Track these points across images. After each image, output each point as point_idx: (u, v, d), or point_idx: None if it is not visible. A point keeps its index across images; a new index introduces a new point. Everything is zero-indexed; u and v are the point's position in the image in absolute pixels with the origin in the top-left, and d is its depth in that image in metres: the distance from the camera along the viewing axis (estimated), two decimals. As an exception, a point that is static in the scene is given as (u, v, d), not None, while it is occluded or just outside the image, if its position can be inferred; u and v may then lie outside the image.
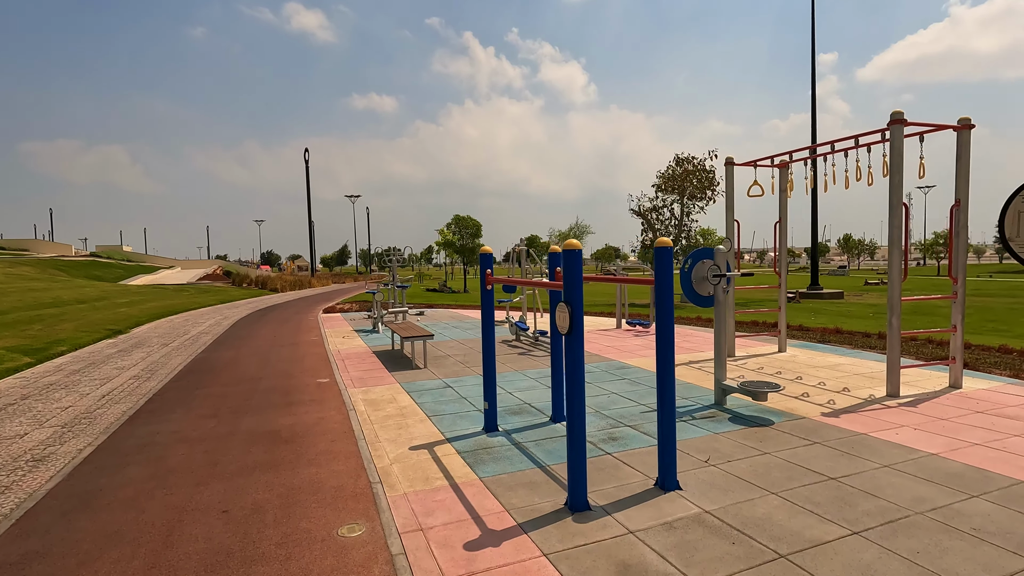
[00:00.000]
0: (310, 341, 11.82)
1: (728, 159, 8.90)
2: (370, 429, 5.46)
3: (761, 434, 5.03)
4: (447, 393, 6.87)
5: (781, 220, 9.15)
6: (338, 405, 6.42)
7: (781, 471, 4.15)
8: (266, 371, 8.60)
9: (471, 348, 10.34)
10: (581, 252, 3.57)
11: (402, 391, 7.03)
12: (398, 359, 9.35)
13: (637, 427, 5.34)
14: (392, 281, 15.96)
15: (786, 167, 9.01)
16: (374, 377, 7.91)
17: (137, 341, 12.35)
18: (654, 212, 26.92)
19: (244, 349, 10.92)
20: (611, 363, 8.58)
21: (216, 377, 8.24)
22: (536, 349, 9.99)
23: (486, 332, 5.28)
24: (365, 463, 4.54)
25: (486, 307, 5.28)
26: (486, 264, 5.25)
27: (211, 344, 11.78)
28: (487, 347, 5.31)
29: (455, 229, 35.75)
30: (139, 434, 5.50)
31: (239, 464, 4.58)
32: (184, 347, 11.39)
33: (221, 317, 17.76)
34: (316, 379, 7.91)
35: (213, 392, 7.26)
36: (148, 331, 14.19)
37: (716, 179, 25.66)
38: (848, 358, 8.52)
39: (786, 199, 9.08)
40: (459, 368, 8.45)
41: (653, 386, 6.99)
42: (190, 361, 9.72)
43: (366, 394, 6.92)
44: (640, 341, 10.70)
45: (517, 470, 4.32)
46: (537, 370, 8.16)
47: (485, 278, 5.22)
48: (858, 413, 5.61)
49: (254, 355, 10.16)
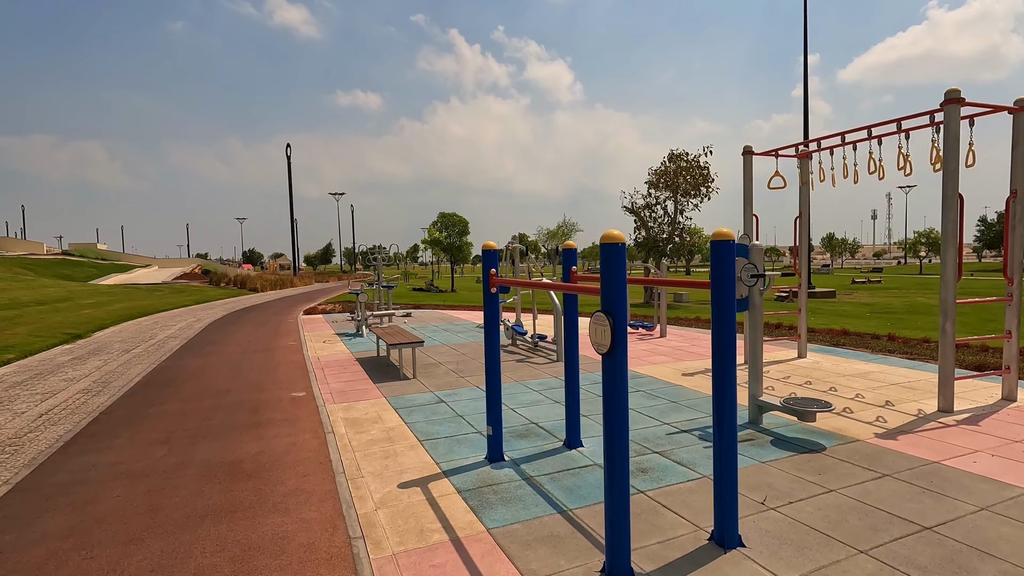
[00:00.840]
0: (287, 347, 10.87)
1: (747, 148, 8.15)
2: (351, 459, 4.59)
3: (815, 463, 4.26)
4: (440, 410, 6.02)
5: (802, 215, 8.44)
6: (314, 426, 5.54)
7: (859, 517, 3.38)
8: (235, 382, 7.66)
9: (464, 355, 9.49)
10: (624, 247, 2.75)
11: (388, 407, 6.16)
12: (384, 368, 8.47)
13: (667, 454, 4.54)
14: (377, 281, 15.04)
15: (807, 157, 8.29)
16: (357, 390, 7.02)
17: (96, 347, 11.30)
18: (647, 209, 26.27)
19: (214, 356, 9.94)
20: (620, 372, 7.79)
21: (177, 390, 7.29)
22: (535, 355, 9.17)
23: (490, 344, 4.45)
24: (344, 507, 3.68)
25: (489, 314, 4.44)
26: (490, 262, 4.41)
27: (178, 350, 10.78)
28: (491, 362, 4.47)
29: (441, 227, 34.78)
30: (71, 467, 4.57)
31: (187, 510, 3.69)
32: (147, 354, 10.38)
33: (194, 319, 16.67)
34: (291, 392, 7.00)
35: (170, 410, 6.32)
36: (111, 335, 13.11)
37: (711, 175, 25.10)
38: (875, 364, 7.82)
39: (808, 192, 8.37)
40: (452, 378, 7.60)
41: (672, 400, 6.21)
42: (151, 371, 8.73)
43: (347, 411, 6.04)
44: (646, 346, 9.93)
45: (533, 516, 3.49)
46: (539, 381, 7.33)
47: (488, 279, 4.38)
48: (916, 434, 4.87)
49: (224, 363, 9.20)
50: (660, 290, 11.35)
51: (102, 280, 35.75)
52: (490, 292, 4.39)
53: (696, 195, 25.52)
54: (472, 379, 7.52)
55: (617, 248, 2.73)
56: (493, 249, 4.42)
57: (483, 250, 4.43)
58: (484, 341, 4.49)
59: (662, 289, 10.98)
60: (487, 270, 4.40)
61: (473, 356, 9.27)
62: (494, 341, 4.44)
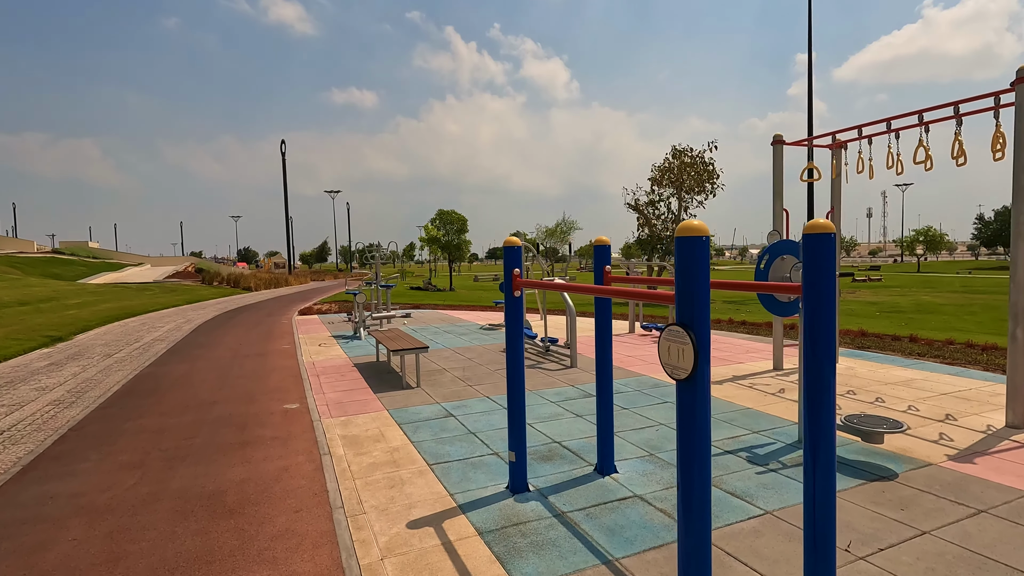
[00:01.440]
0: (280, 350, 10.22)
1: (777, 137, 7.55)
2: (351, 488, 3.97)
3: (892, 494, 3.67)
4: (450, 425, 5.40)
5: (834, 209, 7.84)
6: (308, 446, 4.91)
7: (972, 571, 2.78)
8: (222, 392, 7.02)
9: (471, 360, 8.87)
10: (708, 242, 2.14)
11: (392, 422, 5.54)
12: (384, 374, 7.84)
13: (716, 482, 3.94)
14: (375, 280, 14.40)
15: (841, 147, 7.69)
16: (356, 401, 6.40)
17: (77, 351, 10.62)
18: (650, 207, 25.70)
19: (201, 361, 9.29)
20: (641, 379, 7.19)
21: (158, 402, 6.65)
22: (546, 361, 8.56)
23: (513, 357, 3.83)
24: (344, 556, 3.06)
25: (513, 321, 3.83)
26: (513, 261, 3.79)
27: (164, 355, 10.11)
28: (514, 377, 3.85)
29: (439, 224, 34.09)
30: (24, 500, 3.93)
31: (153, 560, 3.07)
32: (131, 358, 9.71)
33: (183, 320, 15.99)
34: (283, 404, 6.37)
35: (148, 425, 5.68)
36: (94, 337, 12.42)
37: (716, 172, 24.56)
38: (915, 371, 7.24)
39: (840, 185, 7.77)
40: (459, 387, 6.97)
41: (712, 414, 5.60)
42: (132, 378, 8.08)
43: (346, 427, 5.41)
44: (663, 349, 9.32)
45: (573, 570, 2.88)
46: (556, 391, 6.72)
47: (512, 280, 3.77)
48: (994, 456, 4.29)
49: (212, 369, 8.56)
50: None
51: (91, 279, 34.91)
52: (514, 295, 3.78)
53: (700, 192, 24.99)
54: (481, 388, 6.91)
55: (699, 243, 2.11)
56: (517, 246, 3.80)
57: (505, 247, 3.82)
58: (507, 353, 3.88)
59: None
60: (510, 270, 3.78)
61: (480, 361, 8.66)
62: (517, 353, 3.82)
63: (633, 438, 4.91)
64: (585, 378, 7.30)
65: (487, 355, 9.19)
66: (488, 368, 8.10)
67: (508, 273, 3.78)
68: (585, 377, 7.35)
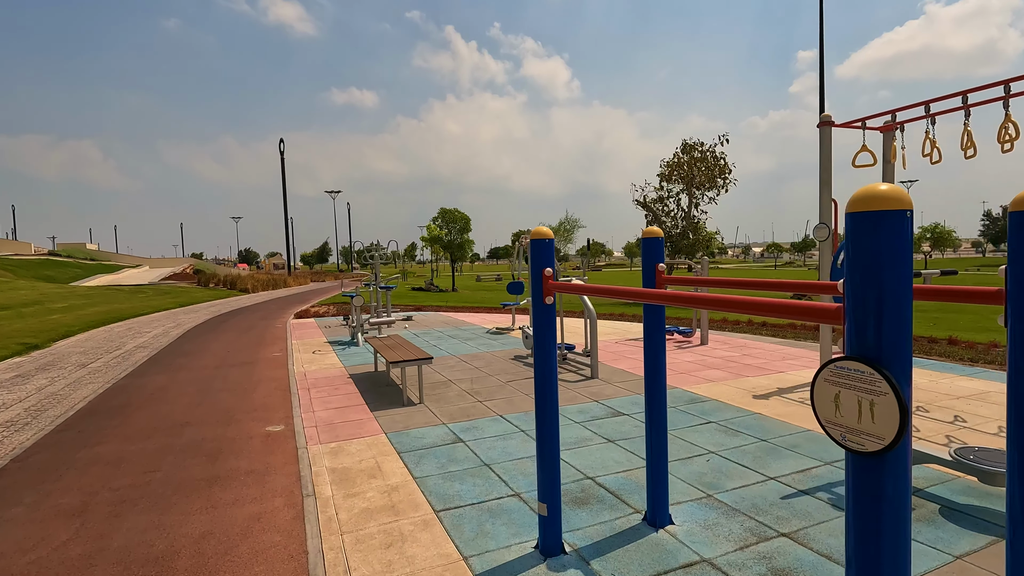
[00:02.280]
0: (270, 359, 9.39)
1: (825, 118, 6.68)
2: (337, 548, 3.12)
3: (1039, 559, 2.81)
4: (459, 454, 4.55)
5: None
6: (290, 483, 4.07)
7: None
8: (199, 410, 6.19)
9: (478, 369, 8.02)
10: (910, 221, 1.28)
11: (390, 450, 4.69)
12: (383, 388, 7.00)
13: (799, 536, 3.09)
14: (374, 281, 13.56)
15: (894, 130, 6.83)
16: (349, 422, 5.55)
17: (51, 360, 9.80)
18: (660, 203, 24.85)
19: (183, 372, 8.46)
20: (673, 393, 6.34)
21: (124, 422, 5.81)
22: (564, 370, 7.71)
23: (544, 383, 2.99)
24: (321, 664, 2.21)
25: (543, 337, 2.98)
26: (543, 258, 2.94)
27: (144, 364, 9.29)
28: (545, 406, 3.01)
29: (442, 223, 33.24)
30: (-78, 565, 3.10)
31: (60, 672, 2.23)
32: (107, 369, 8.89)
33: (173, 324, 15.16)
34: (265, 426, 5.53)
35: (105, 454, 4.84)
36: (74, 345, 11.60)
37: (728, 166, 23.72)
38: (982, 381, 6.39)
39: (892, 171, 6.92)
40: (468, 404, 6.13)
41: (760, 436, 4.75)
42: (102, 392, 7.25)
43: (336, 457, 4.57)
44: (690, 356, 8.48)
45: None
46: (579, 407, 5.87)
47: (541, 282, 2.92)
48: None
49: (192, 382, 7.72)
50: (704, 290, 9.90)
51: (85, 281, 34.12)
52: (544, 302, 2.93)
53: (712, 188, 24.15)
54: (493, 405, 6.06)
55: (896, 221, 1.25)
56: (548, 238, 2.95)
57: (533, 240, 2.97)
58: (536, 379, 3.04)
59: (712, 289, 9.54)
60: (539, 268, 2.93)
61: (489, 371, 7.81)
62: (549, 378, 2.98)
63: (682, 472, 4.06)
64: (610, 391, 6.45)
65: (496, 364, 8.34)
66: (499, 380, 7.25)
67: (536, 273, 2.94)
68: (609, 390, 6.50)
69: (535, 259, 2.94)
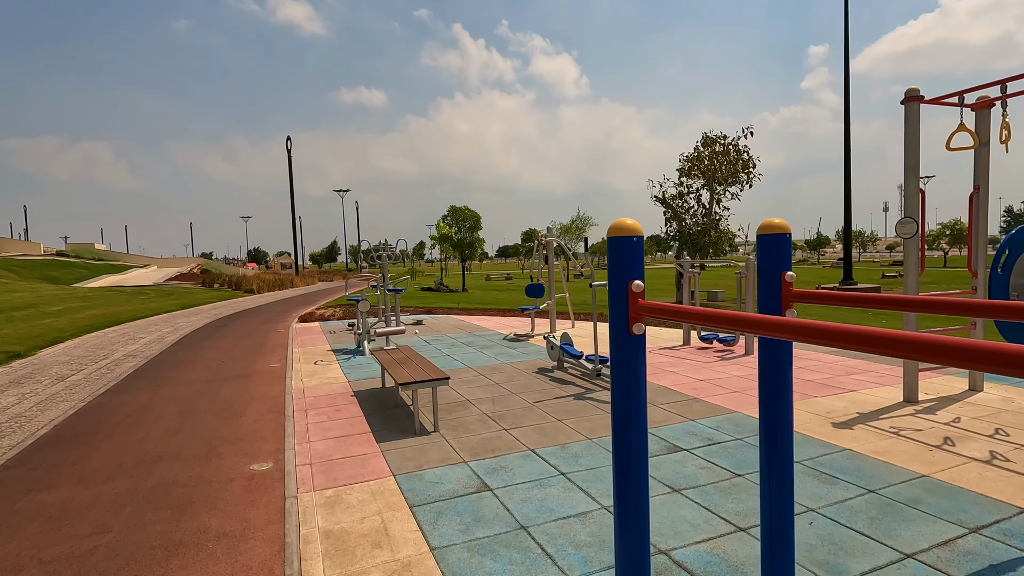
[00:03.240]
0: (267, 371, 8.49)
1: (911, 92, 5.64)
2: None
3: None
4: (486, 509, 3.60)
5: (980, 189, 5.96)
6: (269, 557, 3.14)
7: None
8: (177, 440, 5.29)
9: (500, 386, 7.07)
10: None
11: (400, 501, 3.75)
12: (391, 409, 6.07)
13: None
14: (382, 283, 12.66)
15: (992, 106, 5.81)
16: (351, 458, 4.62)
17: (30, 371, 8.97)
18: (679, 199, 23.79)
19: (168, 388, 7.58)
20: (733, 418, 5.36)
21: (86, 456, 4.92)
22: (597, 388, 6.73)
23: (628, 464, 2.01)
24: None
25: (626, 383, 2.00)
26: (629, 265, 1.96)
27: (129, 376, 8.43)
28: (628, 488, 2.03)
29: (452, 222, 32.34)
30: None
31: None
32: (88, 382, 8.03)
33: (169, 329, 14.35)
34: (251, 463, 4.61)
35: (51, 503, 3.94)
36: (61, 352, 10.78)
37: (752, 160, 22.63)
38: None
39: (988, 156, 5.90)
40: (492, 433, 5.18)
41: (865, 484, 3.76)
42: (73, 414, 6.38)
43: (332, 511, 3.64)
44: (737, 370, 7.47)
45: None
46: (624, 438, 4.90)
47: (627, 302, 1.94)
48: None
49: (176, 400, 6.84)
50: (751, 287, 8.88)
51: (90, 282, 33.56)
52: (631, 332, 1.95)
53: (735, 182, 23.07)
54: (521, 434, 5.10)
55: None
56: (636, 235, 1.97)
57: (613, 239, 1.98)
58: (614, 449, 2.12)
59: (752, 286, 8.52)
60: (622, 282, 1.95)
61: (512, 388, 6.86)
62: (635, 450, 2.00)
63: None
64: (658, 417, 5.47)
65: (519, 378, 7.39)
66: (525, 399, 6.30)
67: (619, 288, 1.96)
68: (658, 415, 5.53)
69: (617, 266, 1.97)
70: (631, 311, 1.93)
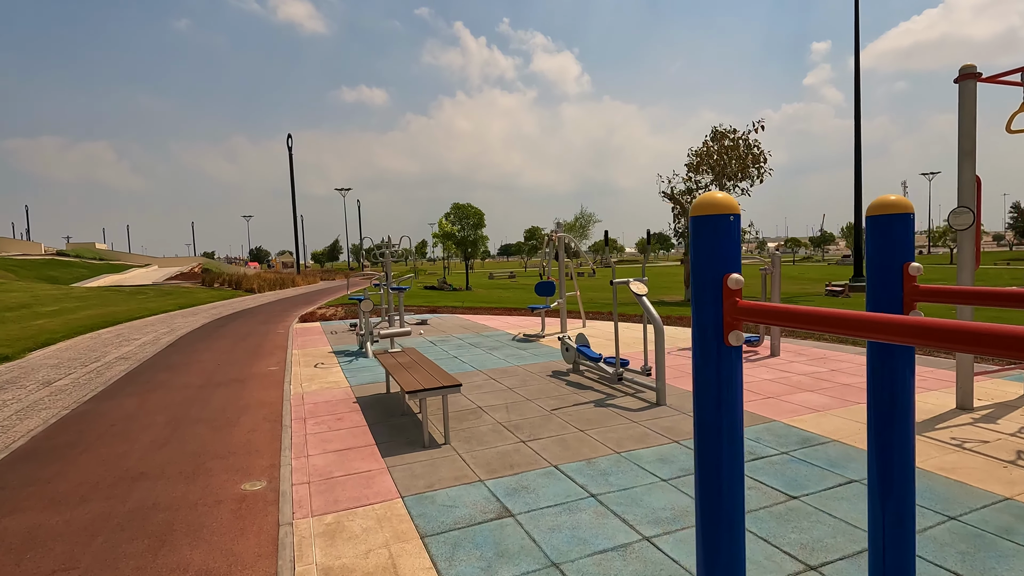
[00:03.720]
0: (265, 375, 8.03)
1: (967, 69, 5.12)
2: None
3: None
4: (509, 540, 3.13)
5: None
6: (259, 601, 2.67)
7: None
8: (163, 453, 4.83)
9: (513, 391, 6.59)
10: None
11: (409, 529, 3.28)
12: (397, 417, 5.60)
13: None
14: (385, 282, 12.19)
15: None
16: (354, 476, 4.15)
17: (15, 376, 8.52)
18: (688, 195, 23.29)
19: (158, 393, 7.12)
20: (772, 428, 4.88)
21: (62, 473, 4.46)
22: (618, 393, 6.25)
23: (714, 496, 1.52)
24: None
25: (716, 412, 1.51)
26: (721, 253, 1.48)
27: (119, 381, 7.98)
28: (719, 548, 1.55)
29: (455, 219, 31.85)
30: None
31: None
32: (75, 388, 7.58)
33: (167, 330, 13.90)
34: (242, 481, 4.15)
35: (14, 531, 3.48)
36: (49, 355, 10.34)
37: (763, 155, 22.12)
38: None
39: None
40: (509, 445, 4.70)
41: (936, 509, 3.28)
42: (54, 423, 5.92)
43: (332, 544, 3.17)
44: (769, 373, 6.98)
45: None
46: (652, 450, 4.42)
47: (720, 301, 1.46)
48: None
49: (166, 407, 6.38)
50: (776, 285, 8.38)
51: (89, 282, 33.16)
52: (724, 343, 1.47)
53: (745, 177, 22.55)
54: (541, 446, 4.63)
55: None
56: (732, 213, 1.49)
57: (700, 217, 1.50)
58: (698, 491, 1.64)
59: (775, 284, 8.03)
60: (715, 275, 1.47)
61: (527, 393, 6.38)
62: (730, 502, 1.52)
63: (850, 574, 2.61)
64: (688, 427, 4.99)
65: (533, 382, 6.91)
66: (540, 406, 5.82)
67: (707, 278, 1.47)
68: (688, 425, 5.05)
69: (705, 254, 1.48)
70: (726, 314, 1.45)
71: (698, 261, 1.49)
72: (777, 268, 8.04)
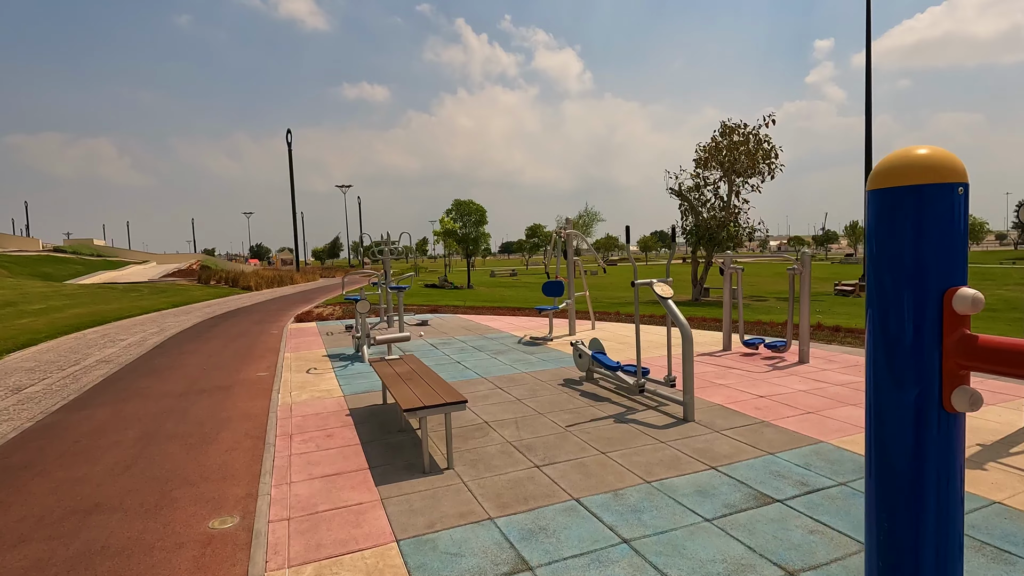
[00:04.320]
0: (253, 382, 7.44)
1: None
2: None
3: None
4: (529, 606, 2.52)
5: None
6: None
7: None
8: (125, 479, 4.23)
9: (522, 402, 5.99)
10: None
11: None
12: (394, 435, 5.00)
13: None
14: (384, 281, 11.59)
15: None
16: (342, 508, 3.54)
17: (-15, 381, 7.93)
18: (696, 192, 22.69)
19: (134, 402, 6.53)
20: (819, 448, 4.28)
21: (5, 504, 3.86)
22: (639, 405, 5.64)
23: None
24: None
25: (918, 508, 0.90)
26: (939, 240, 0.87)
27: (95, 387, 7.38)
28: None
29: (456, 216, 31.23)
30: None
31: None
32: (45, 395, 6.99)
33: (155, 330, 13.31)
34: (211, 517, 3.55)
35: (-73, 585, 2.88)
36: (28, 357, 9.75)
37: (773, 150, 21.50)
38: None
39: None
40: (521, 471, 4.10)
41: (1061, 568, 2.67)
42: (13, 438, 5.33)
43: (310, 607, 2.57)
44: (801, 383, 6.37)
45: None
46: (690, 479, 3.81)
47: (939, 326, 0.85)
48: None
49: (139, 420, 5.78)
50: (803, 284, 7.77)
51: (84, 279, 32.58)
52: (942, 408, 0.86)
53: (755, 173, 21.93)
54: (558, 473, 4.02)
55: None
56: (961, 182, 0.87)
57: (879, 192, 0.89)
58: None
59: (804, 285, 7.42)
60: (918, 290, 0.85)
61: (538, 405, 5.78)
62: None
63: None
64: (725, 448, 4.39)
65: (544, 392, 6.31)
66: (555, 421, 5.22)
67: (909, 296, 0.87)
68: (724, 446, 4.44)
69: (907, 250, 0.88)
70: (949, 357, 0.84)
71: (890, 264, 0.88)
72: (807, 269, 7.43)
